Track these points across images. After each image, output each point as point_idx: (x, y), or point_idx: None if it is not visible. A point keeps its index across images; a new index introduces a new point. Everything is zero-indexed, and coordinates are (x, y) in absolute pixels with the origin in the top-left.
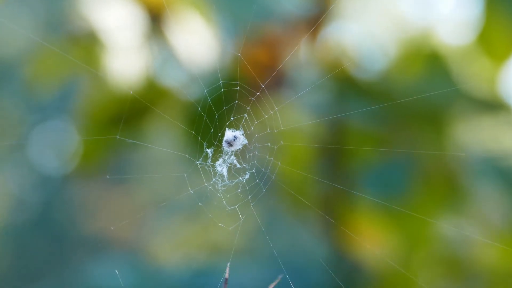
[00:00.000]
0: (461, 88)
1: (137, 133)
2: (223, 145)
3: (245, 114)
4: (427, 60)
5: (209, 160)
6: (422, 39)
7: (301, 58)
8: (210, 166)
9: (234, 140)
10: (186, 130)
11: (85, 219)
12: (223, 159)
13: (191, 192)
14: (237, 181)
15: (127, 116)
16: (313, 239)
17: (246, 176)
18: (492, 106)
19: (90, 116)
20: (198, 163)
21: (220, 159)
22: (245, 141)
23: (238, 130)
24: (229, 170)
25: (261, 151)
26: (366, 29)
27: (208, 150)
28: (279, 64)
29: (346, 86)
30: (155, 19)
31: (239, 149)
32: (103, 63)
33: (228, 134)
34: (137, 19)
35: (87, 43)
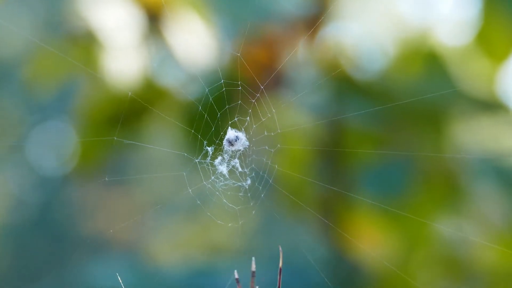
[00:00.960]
0: (459, 88)
1: (135, 133)
2: (224, 143)
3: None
4: (426, 60)
5: (208, 158)
6: (420, 39)
7: (299, 58)
8: (209, 165)
9: (236, 140)
10: (185, 130)
11: (84, 219)
12: (222, 157)
13: (189, 191)
14: (239, 184)
15: (125, 117)
16: (311, 241)
17: (248, 182)
18: (491, 106)
19: (88, 116)
20: (197, 161)
21: (219, 157)
22: (246, 143)
23: (241, 131)
24: (230, 172)
25: (258, 154)
26: (365, 29)
27: (209, 148)
28: (277, 63)
29: (345, 86)
30: (153, 19)
31: (240, 150)
32: (102, 63)
33: (230, 133)
34: (135, 19)
35: (86, 43)
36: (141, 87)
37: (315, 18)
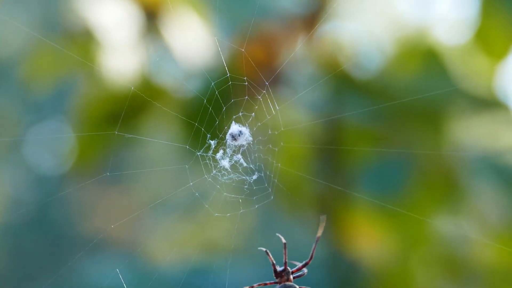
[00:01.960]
0: (458, 86)
1: (134, 130)
2: (227, 137)
3: (240, 113)
4: (425, 58)
5: (210, 152)
6: (419, 37)
7: (298, 56)
8: (210, 159)
9: (239, 135)
10: (183, 127)
11: (83, 218)
12: (224, 151)
13: (190, 184)
14: (243, 178)
15: (123, 114)
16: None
17: (254, 177)
18: (489, 104)
19: (86, 114)
20: (199, 154)
21: (221, 150)
22: (250, 138)
23: (245, 126)
24: (233, 167)
25: (260, 152)
26: (363, 27)
27: (212, 142)
28: (276, 61)
29: (343, 84)
30: (151, 17)
31: (243, 145)
32: (99, 61)
33: (234, 128)
34: (133, 16)
35: (83, 41)
36: (138, 84)
37: (314, 16)
